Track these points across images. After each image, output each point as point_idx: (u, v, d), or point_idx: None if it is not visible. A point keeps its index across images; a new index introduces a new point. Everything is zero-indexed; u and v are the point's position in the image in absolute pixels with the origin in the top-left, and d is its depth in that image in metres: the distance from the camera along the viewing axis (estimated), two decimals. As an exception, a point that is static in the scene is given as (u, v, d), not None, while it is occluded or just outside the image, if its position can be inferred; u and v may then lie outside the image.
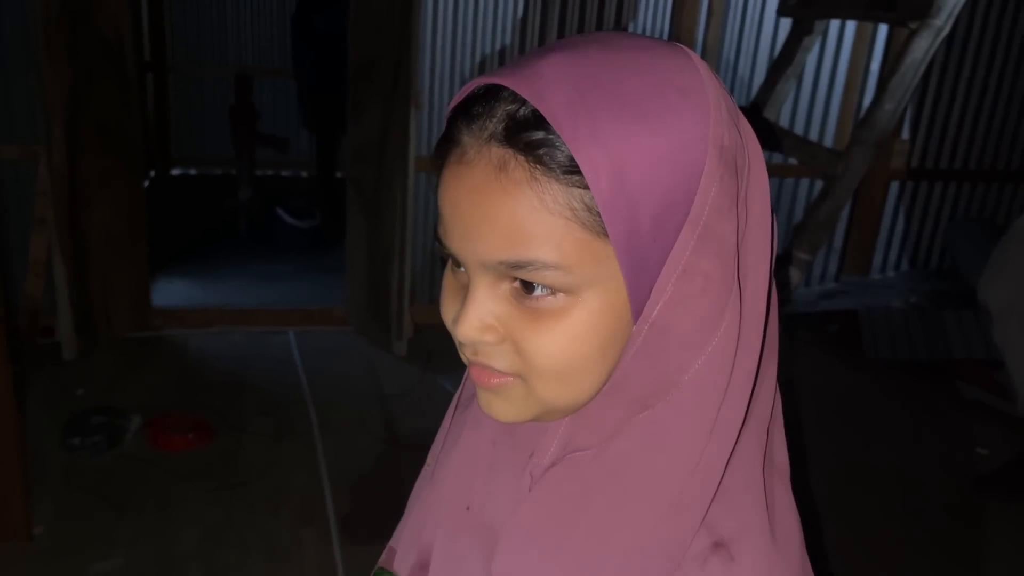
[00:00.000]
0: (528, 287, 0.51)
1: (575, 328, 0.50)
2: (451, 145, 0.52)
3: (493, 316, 0.52)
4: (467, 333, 0.52)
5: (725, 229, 0.51)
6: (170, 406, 3.11)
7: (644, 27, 4.02)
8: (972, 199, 4.60)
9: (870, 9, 2.99)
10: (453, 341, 0.56)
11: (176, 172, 6.49)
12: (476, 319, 0.52)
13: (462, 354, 0.56)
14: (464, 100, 0.52)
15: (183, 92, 6.51)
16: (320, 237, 5.28)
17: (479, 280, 0.52)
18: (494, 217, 0.49)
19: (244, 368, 3.53)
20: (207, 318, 3.89)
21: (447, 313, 0.56)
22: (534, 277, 0.50)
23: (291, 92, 5.64)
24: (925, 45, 2.68)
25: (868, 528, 2.73)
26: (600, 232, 0.49)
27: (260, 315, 3.97)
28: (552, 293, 0.50)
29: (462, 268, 0.54)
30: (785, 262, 3.04)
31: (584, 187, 0.48)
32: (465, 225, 0.51)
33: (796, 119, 4.29)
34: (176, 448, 2.89)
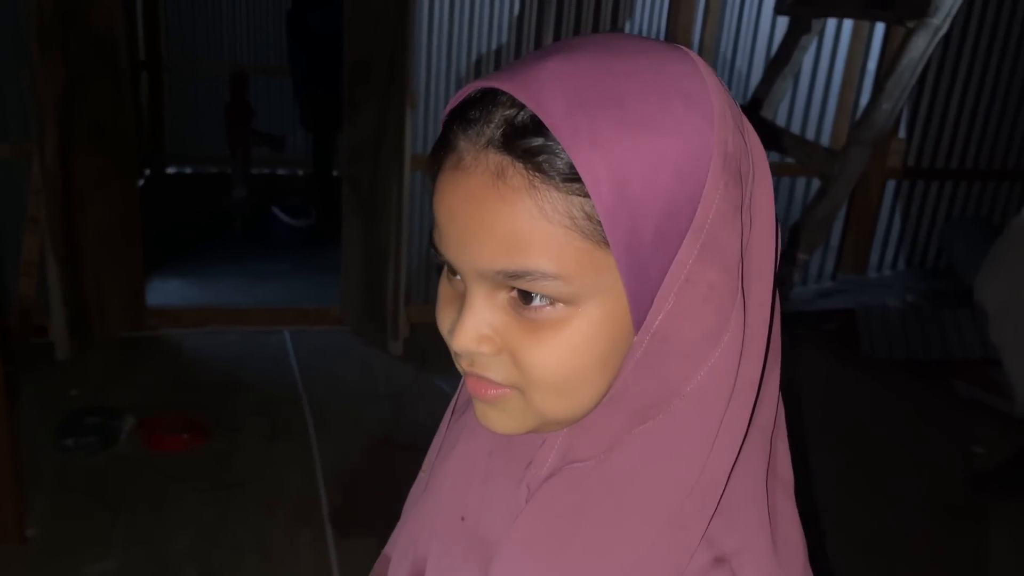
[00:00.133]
0: (526, 297, 0.49)
1: (574, 339, 0.49)
2: (447, 150, 0.51)
3: (490, 327, 0.51)
4: (463, 344, 0.51)
5: (729, 237, 0.49)
6: (164, 406, 3.10)
7: (640, 25, 4.01)
8: (968, 198, 4.61)
9: (868, 8, 2.98)
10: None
11: (171, 170, 6.47)
12: (473, 329, 0.51)
13: (458, 364, 0.55)
14: (460, 104, 0.51)
15: (178, 90, 6.49)
16: (316, 236, 5.26)
17: (476, 289, 0.51)
18: (492, 225, 0.48)
19: (239, 368, 3.52)
20: (202, 317, 3.88)
21: (443, 322, 0.55)
22: (533, 287, 0.48)
23: (286, 90, 5.62)
24: (923, 44, 2.68)
25: (863, 526, 2.72)
26: (601, 241, 0.47)
27: (255, 315, 3.96)
28: (551, 303, 0.49)
29: (458, 276, 0.53)
30: (782, 261, 3.03)
31: (584, 195, 0.46)
32: (462, 233, 0.49)
33: (793, 118, 4.29)
34: (170, 448, 2.88)
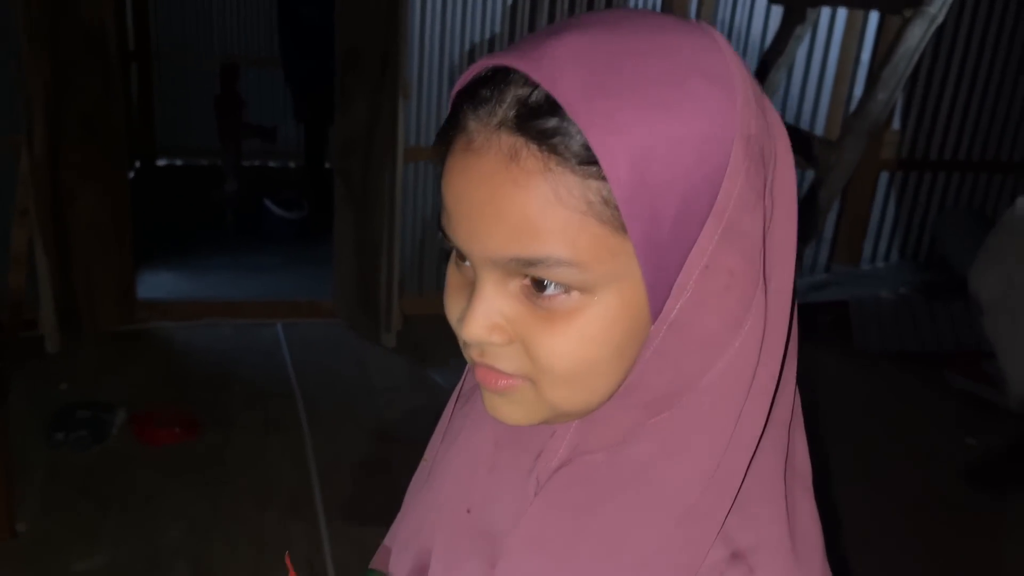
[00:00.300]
0: (540, 285, 0.48)
1: (590, 329, 0.47)
2: (456, 131, 0.49)
3: (501, 315, 0.49)
4: (474, 333, 0.49)
5: (751, 223, 0.48)
6: (156, 400, 3.08)
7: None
8: (962, 190, 4.60)
9: (864, -3, 2.97)
10: (443, 333, 0.52)
11: (161, 163, 6.43)
12: (483, 318, 0.49)
13: (467, 354, 0.53)
14: (470, 82, 0.49)
15: (168, 81, 6.43)
16: (308, 228, 5.23)
17: (486, 276, 0.49)
18: (504, 210, 0.46)
19: (231, 361, 3.50)
20: (193, 311, 3.85)
21: (451, 311, 0.53)
22: (546, 275, 0.47)
23: (278, 81, 5.59)
24: (919, 33, 2.66)
25: (855, 517, 2.72)
26: (618, 227, 0.45)
27: (247, 308, 3.93)
28: (566, 291, 0.47)
29: (467, 262, 0.51)
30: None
31: (601, 179, 0.44)
32: (472, 218, 0.47)
33: (787, 109, 4.28)
34: (162, 442, 2.86)
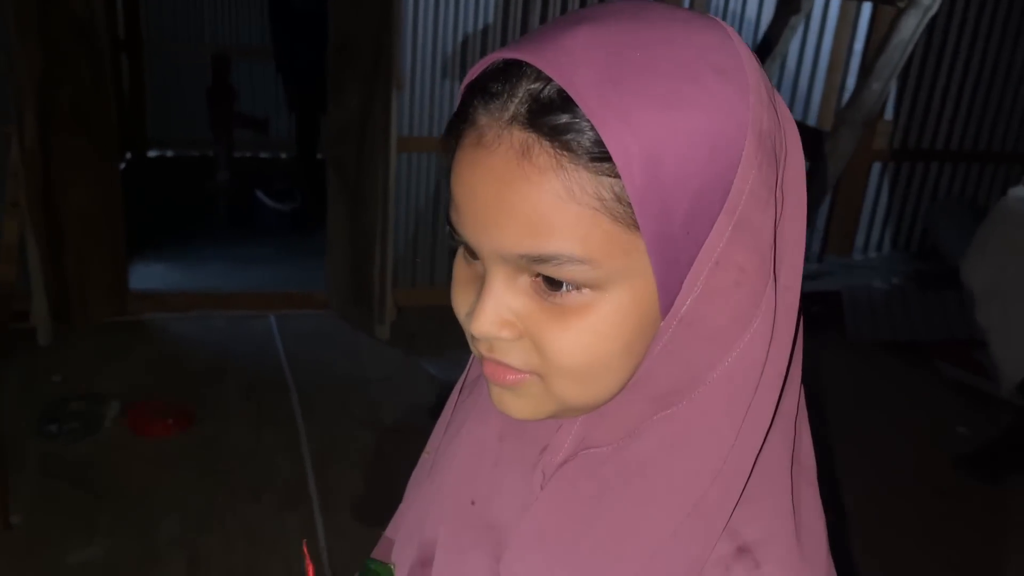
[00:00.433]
0: (551, 282, 0.47)
1: (601, 325, 0.47)
2: (466, 125, 0.48)
3: (511, 311, 0.49)
4: (483, 329, 0.49)
5: (762, 219, 0.48)
6: (149, 391, 3.07)
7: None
8: (954, 180, 4.61)
9: (858, -13, 2.97)
10: (436, 324, 0.52)
11: (152, 154, 6.39)
12: (493, 314, 0.49)
13: (475, 349, 0.53)
14: (480, 76, 0.48)
15: (159, 72, 6.39)
16: (301, 220, 5.21)
17: (496, 272, 0.49)
18: (515, 207, 0.45)
19: (224, 353, 3.49)
20: (186, 302, 3.84)
21: (459, 305, 0.53)
22: (557, 272, 0.46)
23: (270, 72, 5.55)
24: (913, 24, 2.67)
25: (848, 506, 2.73)
26: (630, 223, 0.45)
27: (240, 299, 3.92)
28: (577, 288, 0.47)
29: (476, 258, 0.51)
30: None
31: (614, 175, 0.44)
32: (482, 214, 0.47)
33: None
34: (156, 434, 2.86)
